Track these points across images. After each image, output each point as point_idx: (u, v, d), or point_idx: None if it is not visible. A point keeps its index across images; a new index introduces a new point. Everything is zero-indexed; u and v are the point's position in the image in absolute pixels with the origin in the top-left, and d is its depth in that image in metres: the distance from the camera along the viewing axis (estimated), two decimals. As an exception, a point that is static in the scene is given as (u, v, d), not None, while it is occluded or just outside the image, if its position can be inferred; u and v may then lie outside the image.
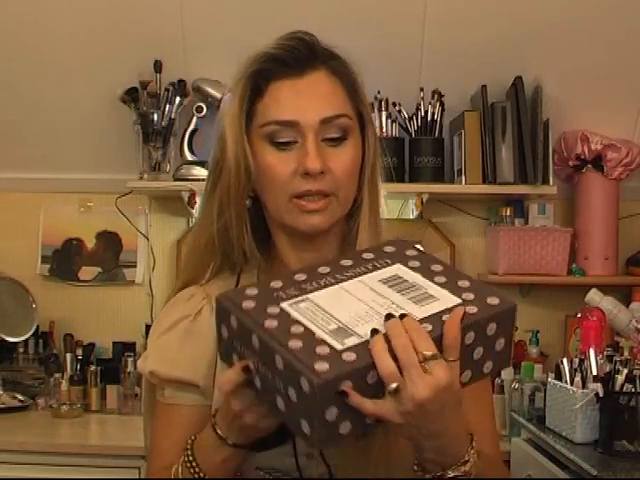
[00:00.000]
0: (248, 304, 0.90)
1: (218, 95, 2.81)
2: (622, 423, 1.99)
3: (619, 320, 2.54)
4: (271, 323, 0.86)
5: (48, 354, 2.94)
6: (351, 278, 0.94)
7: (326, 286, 0.93)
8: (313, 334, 0.85)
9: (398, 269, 0.96)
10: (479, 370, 0.90)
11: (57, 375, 2.83)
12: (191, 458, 0.98)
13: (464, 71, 2.79)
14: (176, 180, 2.82)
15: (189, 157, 2.85)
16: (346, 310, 0.88)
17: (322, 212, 1.04)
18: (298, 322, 0.87)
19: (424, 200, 2.86)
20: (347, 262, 0.97)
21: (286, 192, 1.03)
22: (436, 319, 0.86)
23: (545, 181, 2.77)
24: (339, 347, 0.83)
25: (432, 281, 0.93)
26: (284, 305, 0.89)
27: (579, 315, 2.56)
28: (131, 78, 2.79)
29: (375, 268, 0.96)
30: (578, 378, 2.14)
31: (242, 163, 1.04)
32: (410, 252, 1.00)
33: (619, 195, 2.87)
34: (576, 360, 2.21)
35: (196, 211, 2.96)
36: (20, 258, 3.07)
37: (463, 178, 2.77)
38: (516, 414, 2.46)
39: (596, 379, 2.08)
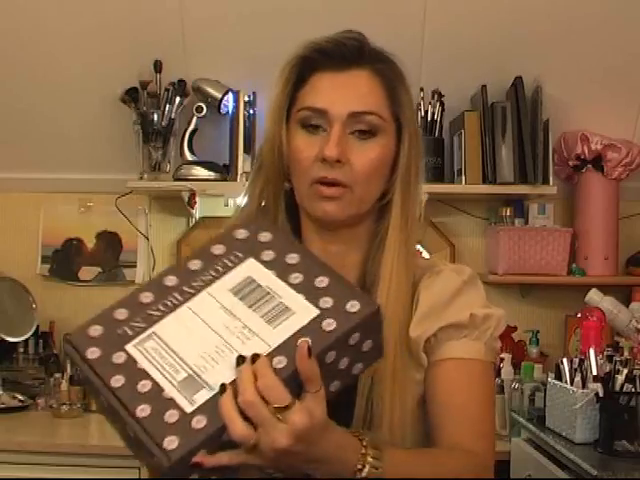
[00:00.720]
0: (92, 352, 0.85)
1: (218, 95, 2.81)
2: (622, 423, 1.99)
3: (619, 320, 2.54)
4: (117, 381, 0.82)
5: (48, 354, 2.94)
6: (199, 290, 0.88)
7: (173, 308, 0.87)
8: (162, 390, 0.81)
9: (250, 268, 0.89)
10: (348, 375, 0.87)
11: (57, 375, 2.83)
12: None
13: (464, 71, 2.79)
14: (176, 180, 2.82)
15: (189, 157, 2.85)
16: (194, 346, 0.83)
17: (336, 201, 1.05)
18: (145, 373, 0.82)
19: (424, 200, 2.86)
20: (195, 264, 0.91)
21: (308, 176, 1.06)
22: (291, 347, 0.81)
23: (545, 181, 2.77)
24: (189, 409, 0.79)
25: (287, 282, 0.87)
26: (129, 348, 0.84)
27: (579, 315, 2.57)
28: (131, 78, 2.79)
29: (226, 269, 0.89)
30: (578, 378, 2.14)
31: (277, 144, 1.08)
32: (264, 236, 0.93)
33: (619, 195, 2.87)
34: (576, 360, 2.21)
35: (196, 211, 2.97)
36: (20, 258, 3.07)
37: (463, 178, 2.77)
38: (516, 414, 2.46)
39: (596, 379, 2.08)
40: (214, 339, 0.83)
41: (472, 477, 0.99)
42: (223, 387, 0.80)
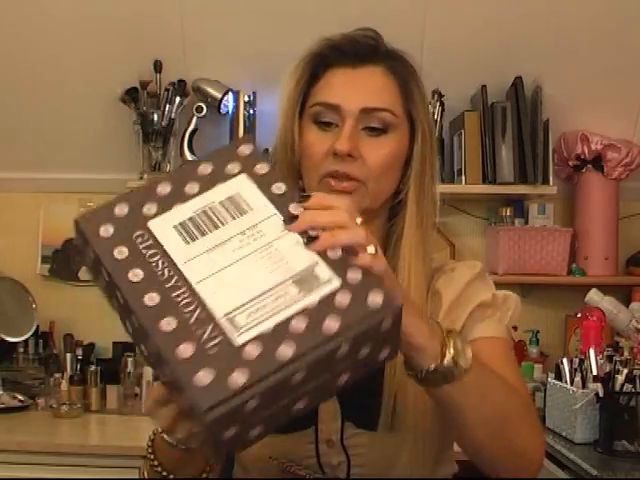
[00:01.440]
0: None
1: (218, 95, 2.81)
2: (622, 423, 2.00)
3: (619, 320, 2.54)
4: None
5: (48, 354, 2.94)
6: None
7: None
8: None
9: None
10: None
11: (57, 375, 2.83)
12: (152, 457, 0.96)
13: (464, 71, 2.79)
14: (176, 180, 2.82)
15: (189, 157, 2.85)
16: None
17: (347, 194, 1.04)
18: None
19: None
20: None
21: (318, 171, 1.06)
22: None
23: (545, 181, 2.77)
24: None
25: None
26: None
27: (579, 315, 2.57)
28: (131, 78, 2.79)
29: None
30: (578, 378, 2.15)
31: (289, 140, 1.09)
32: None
33: (619, 195, 2.87)
34: (576, 360, 2.21)
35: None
36: (20, 258, 3.07)
37: (463, 178, 2.77)
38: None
39: (596, 379, 2.08)
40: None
41: (522, 409, 0.97)
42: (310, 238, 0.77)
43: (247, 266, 0.76)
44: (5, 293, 2.92)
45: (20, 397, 2.81)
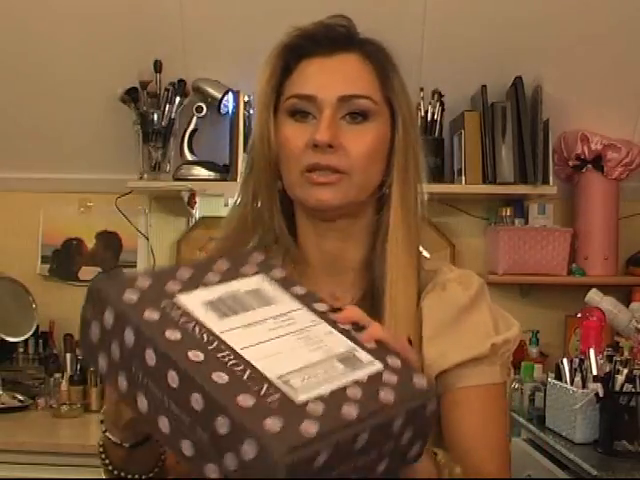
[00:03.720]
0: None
1: (218, 95, 2.81)
2: (622, 423, 1.99)
3: (619, 320, 2.54)
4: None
5: (48, 354, 2.94)
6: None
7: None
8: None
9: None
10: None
11: (57, 375, 2.83)
12: (104, 456, 0.95)
13: (464, 71, 2.79)
14: (176, 180, 2.82)
15: (189, 157, 2.85)
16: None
17: (332, 187, 1.00)
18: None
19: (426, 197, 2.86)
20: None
21: (298, 165, 1.01)
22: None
23: (545, 181, 2.77)
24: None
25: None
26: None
27: (579, 315, 2.57)
28: (131, 78, 2.79)
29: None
30: (578, 378, 2.15)
31: (265, 135, 1.03)
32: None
33: (619, 195, 2.87)
34: (576, 360, 2.21)
35: (196, 211, 2.97)
36: (20, 258, 3.07)
37: (463, 178, 2.77)
38: (516, 414, 2.46)
39: (596, 379, 2.08)
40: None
41: None
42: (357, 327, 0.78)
43: (287, 343, 0.73)
44: (5, 293, 2.92)
45: (20, 397, 2.81)
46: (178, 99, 2.81)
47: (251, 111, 2.81)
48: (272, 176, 1.05)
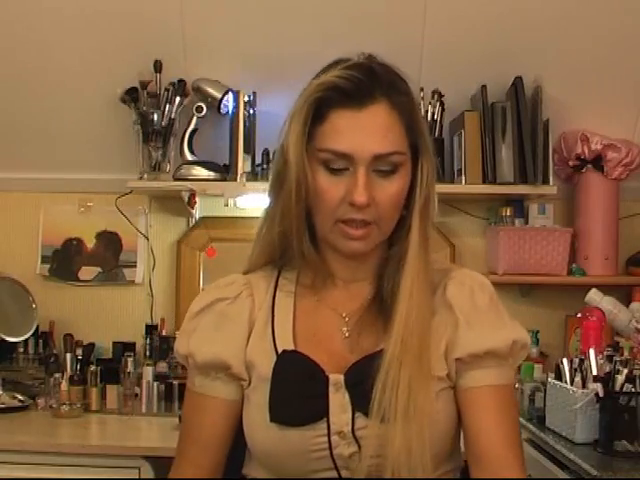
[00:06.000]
0: None
1: (218, 95, 2.81)
2: (622, 423, 1.99)
3: (619, 320, 2.54)
4: None
5: (48, 354, 2.93)
6: None
7: None
8: None
9: None
10: None
11: (57, 375, 2.83)
12: None
13: (464, 71, 2.79)
14: (176, 180, 2.82)
15: (189, 157, 2.85)
16: None
17: (364, 239, 1.11)
18: None
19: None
20: None
21: (333, 216, 1.11)
22: None
23: (545, 181, 2.77)
24: None
25: None
26: None
27: (579, 315, 2.56)
28: (131, 78, 2.79)
29: None
30: (578, 378, 2.14)
31: (303, 183, 1.11)
32: None
33: (619, 195, 2.87)
34: (576, 360, 2.21)
35: (196, 211, 2.97)
36: (20, 258, 3.07)
37: (463, 178, 2.77)
38: (516, 414, 2.46)
39: (596, 379, 2.08)
40: None
41: None
42: None
43: None
44: (5, 293, 2.92)
45: (20, 397, 2.81)
46: (178, 99, 2.81)
47: (251, 111, 2.82)
48: (303, 212, 1.13)
